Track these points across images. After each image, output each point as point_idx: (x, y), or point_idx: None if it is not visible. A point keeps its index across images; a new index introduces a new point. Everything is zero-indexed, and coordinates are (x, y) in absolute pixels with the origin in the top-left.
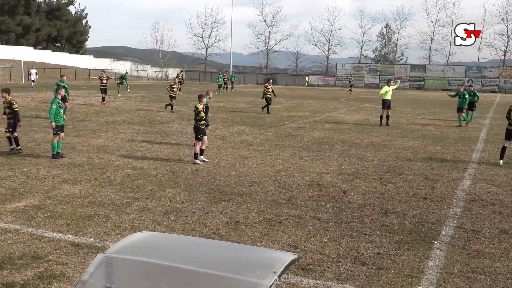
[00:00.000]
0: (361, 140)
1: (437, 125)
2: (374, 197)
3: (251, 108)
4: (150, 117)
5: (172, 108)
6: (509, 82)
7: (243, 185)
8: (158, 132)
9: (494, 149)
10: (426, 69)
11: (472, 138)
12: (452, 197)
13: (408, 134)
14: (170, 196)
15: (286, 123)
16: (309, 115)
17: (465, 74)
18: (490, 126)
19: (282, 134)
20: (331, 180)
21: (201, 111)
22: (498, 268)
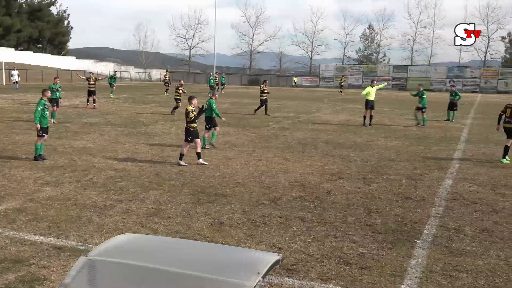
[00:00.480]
0: (345, 140)
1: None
2: (358, 197)
3: (235, 109)
4: (133, 119)
5: (175, 109)
6: (490, 82)
7: (227, 186)
8: (141, 133)
9: (475, 148)
10: (409, 69)
11: (453, 138)
12: (434, 197)
13: (391, 134)
14: (154, 198)
15: (270, 124)
16: (293, 116)
17: (447, 74)
18: (471, 126)
19: (266, 135)
20: (314, 181)
21: (190, 113)
22: (480, 266)
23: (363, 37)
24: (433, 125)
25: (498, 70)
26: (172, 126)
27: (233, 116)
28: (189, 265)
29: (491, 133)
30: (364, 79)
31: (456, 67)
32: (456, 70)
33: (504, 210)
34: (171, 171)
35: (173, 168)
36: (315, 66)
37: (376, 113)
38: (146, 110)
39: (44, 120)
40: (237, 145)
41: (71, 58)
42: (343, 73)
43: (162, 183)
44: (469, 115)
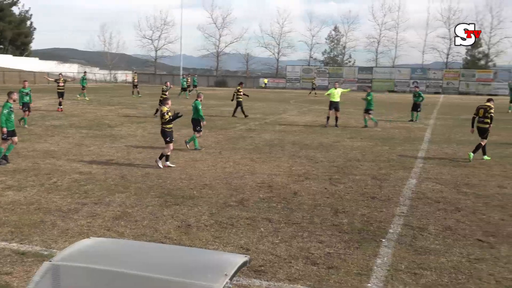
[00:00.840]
0: (311, 141)
1: (384, 126)
2: (324, 197)
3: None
4: (99, 121)
5: (156, 111)
6: (452, 83)
7: (194, 188)
8: (107, 135)
9: (438, 148)
10: (373, 71)
11: (417, 138)
12: (399, 196)
13: (356, 135)
14: (120, 201)
15: (237, 126)
16: (260, 117)
17: (410, 76)
18: (434, 127)
19: (233, 137)
20: (282, 182)
21: (166, 114)
22: (443, 263)
23: (329, 39)
24: (398, 125)
25: (460, 71)
26: (138, 128)
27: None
28: (156, 268)
29: (453, 133)
30: (330, 80)
31: (419, 68)
32: (419, 72)
33: (466, 208)
34: (137, 174)
35: (139, 170)
36: (281, 67)
37: (342, 114)
38: (111, 112)
39: (9, 123)
40: (204, 146)
41: (34, 59)
42: (309, 75)
43: (128, 186)
44: (432, 116)
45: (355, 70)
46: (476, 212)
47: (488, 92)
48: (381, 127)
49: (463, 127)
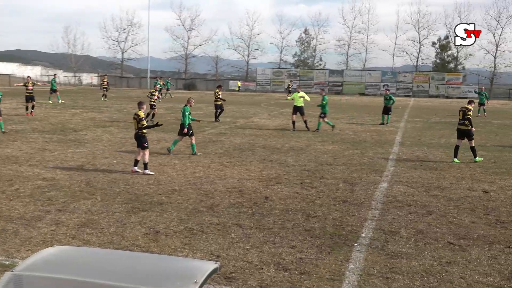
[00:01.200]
0: (282, 145)
1: (355, 129)
2: (296, 202)
3: (170, 114)
4: (63, 125)
5: (153, 117)
6: (422, 86)
7: (162, 194)
8: (71, 140)
9: (409, 151)
10: (344, 74)
11: (388, 141)
12: (370, 200)
13: (327, 139)
14: (85, 208)
15: (207, 129)
16: (230, 121)
17: (381, 79)
18: (405, 130)
19: (203, 141)
20: (252, 186)
21: (143, 119)
22: (415, 267)
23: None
24: (369, 129)
25: (430, 74)
26: (104, 132)
27: (168, 121)
28: (123, 277)
29: (423, 136)
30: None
31: (389, 71)
32: (389, 75)
33: (437, 211)
34: (104, 179)
35: (106, 176)
36: (251, 70)
37: (313, 118)
38: (76, 115)
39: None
40: (174, 151)
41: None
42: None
43: (94, 192)
44: (403, 119)
45: (325, 73)
46: (447, 215)
47: (457, 95)
48: (352, 130)
49: (433, 130)
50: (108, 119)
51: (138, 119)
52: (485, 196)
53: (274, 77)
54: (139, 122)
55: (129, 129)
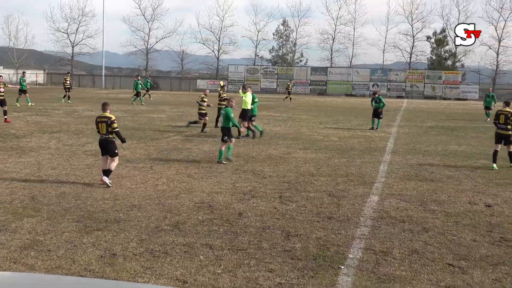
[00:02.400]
0: (258, 153)
1: (341, 135)
2: (274, 218)
3: (128, 118)
4: (2, 130)
5: (204, 127)
6: (416, 86)
7: (120, 210)
8: (13, 148)
9: (403, 160)
10: (328, 72)
11: (378, 148)
12: (359, 216)
13: (310, 146)
14: (29, 227)
15: (171, 135)
16: (198, 126)
17: (370, 77)
18: (397, 135)
19: (166, 148)
20: (224, 201)
21: (115, 122)
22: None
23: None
24: (356, 134)
25: (424, 72)
26: (51, 138)
27: (126, 126)
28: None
29: (418, 142)
30: (280, 82)
31: (379, 69)
32: (379, 73)
33: (434, 228)
34: (51, 194)
35: (53, 189)
36: (222, 67)
37: (294, 121)
38: (18, 119)
39: None
40: (131, 160)
41: None
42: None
43: (39, 209)
44: (395, 123)
45: (307, 71)
46: (445, 233)
47: (456, 96)
48: (338, 136)
49: (429, 135)
50: (56, 124)
51: (110, 121)
52: (488, 211)
53: (249, 75)
54: (110, 125)
55: (80, 135)
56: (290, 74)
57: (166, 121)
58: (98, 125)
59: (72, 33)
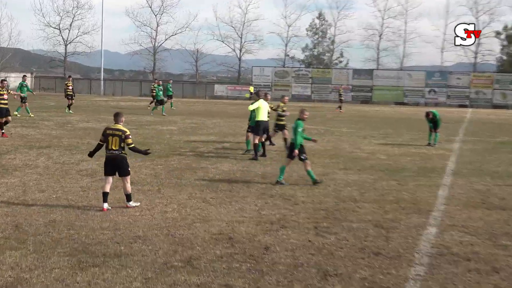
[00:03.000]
0: (288, 173)
1: (391, 152)
2: (308, 253)
3: (132, 130)
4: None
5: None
6: (483, 93)
7: (121, 242)
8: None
9: (466, 183)
10: (374, 75)
11: (437, 169)
12: (413, 251)
13: (352, 165)
14: (12, 262)
15: (183, 152)
16: (216, 140)
17: (425, 82)
18: (460, 153)
19: (178, 168)
20: (247, 232)
21: (129, 137)
22: None
23: (311, 30)
24: (409, 151)
25: (493, 76)
26: (39, 155)
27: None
28: None
29: (486, 162)
30: (314, 88)
31: (437, 72)
32: (437, 76)
33: (506, 268)
34: (38, 222)
35: (41, 217)
36: (245, 69)
37: (332, 135)
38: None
39: None
40: (135, 182)
41: None
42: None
43: (25, 240)
44: (457, 138)
45: (348, 74)
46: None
47: None
48: (386, 153)
49: (500, 153)
50: (45, 137)
51: (124, 136)
52: None
53: (277, 79)
54: (123, 141)
55: (74, 151)
56: (327, 78)
57: (177, 134)
58: (108, 138)
59: (65, 28)
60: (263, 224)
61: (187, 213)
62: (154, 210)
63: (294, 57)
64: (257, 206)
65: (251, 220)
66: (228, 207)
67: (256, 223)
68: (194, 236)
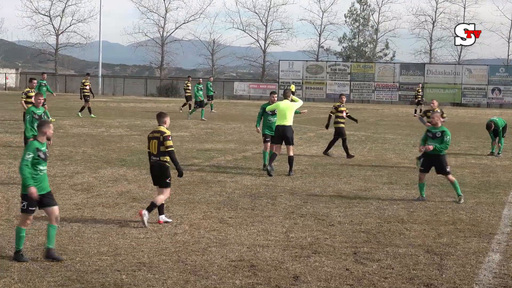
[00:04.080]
0: (322, 188)
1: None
2: (346, 284)
3: (135, 137)
4: None
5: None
6: None
7: (122, 270)
8: None
9: None
10: (426, 70)
11: (501, 183)
12: (472, 282)
13: (398, 179)
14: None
15: (196, 162)
16: (235, 148)
17: (488, 78)
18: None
19: (190, 181)
20: (273, 258)
21: (170, 138)
22: None
23: (350, 16)
24: (468, 162)
25: None
26: None
27: (131, 148)
28: None
29: None
30: (354, 85)
31: (503, 66)
32: (503, 72)
33: None
34: (25, 246)
35: (28, 239)
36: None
37: (375, 143)
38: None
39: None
40: (139, 198)
41: None
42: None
43: (8, 267)
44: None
45: (394, 69)
46: None
47: None
48: None
49: None
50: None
51: (162, 138)
52: None
53: (309, 76)
54: (162, 143)
55: (67, 161)
56: (369, 74)
57: (190, 141)
58: (150, 142)
59: (57, 15)
60: (292, 249)
61: (200, 236)
62: (161, 232)
63: (330, 49)
64: (284, 227)
65: (277, 244)
66: (250, 228)
67: (283, 248)
68: (209, 263)
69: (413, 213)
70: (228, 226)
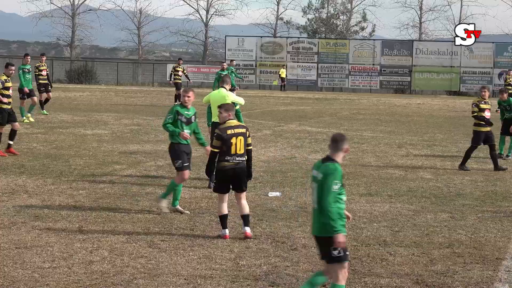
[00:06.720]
0: (282, 202)
1: (440, 168)
2: None
3: (38, 137)
4: None
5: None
6: None
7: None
8: None
9: None
10: (415, 49)
11: (510, 194)
12: None
13: (379, 189)
14: None
15: (118, 169)
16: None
17: (494, 59)
18: None
19: (110, 193)
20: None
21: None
22: None
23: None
24: (470, 167)
25: None
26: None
27: (33, 151)
28: None
29: None
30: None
31: (510, 44)
32: (510, 51)
33: None
34: None
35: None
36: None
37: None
38: None
39: None
40: (42, 216)
41: None
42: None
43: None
44: None
45: (374, 48)
46: None
47: None
48: (433, 171)
49: None
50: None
51: (248, 133)
52: None
53: (265, 56)
54: (246, 140)
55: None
56: (341, 54)
57: (109, 142)
58: (232, 140)
59: None
60: (243, 280)
61: (124, 264)
62: (72, 260)
63: (291, 22)
64: (233, 252)
65: (224, 275)
66: (189, 254)
67: (231, 280)
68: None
69: (399, 233)
70: (160, 252)
